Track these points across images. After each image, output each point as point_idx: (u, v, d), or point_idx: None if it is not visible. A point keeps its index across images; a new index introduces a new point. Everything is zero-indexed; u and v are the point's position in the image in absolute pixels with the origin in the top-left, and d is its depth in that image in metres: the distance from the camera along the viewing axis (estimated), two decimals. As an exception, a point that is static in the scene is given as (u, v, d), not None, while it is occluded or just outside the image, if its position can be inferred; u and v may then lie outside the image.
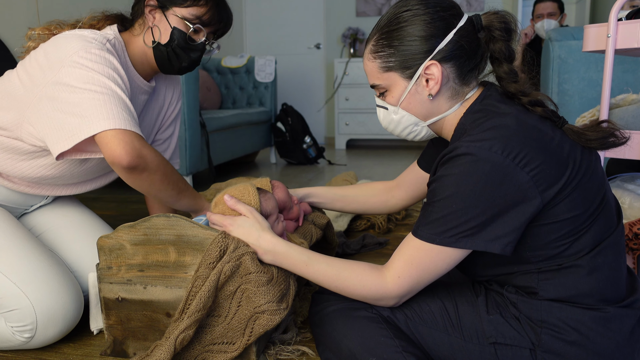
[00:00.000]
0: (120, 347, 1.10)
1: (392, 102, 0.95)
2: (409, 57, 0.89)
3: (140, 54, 1.25)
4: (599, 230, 0.83)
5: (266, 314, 0.97)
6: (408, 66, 0.90)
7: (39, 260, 1.13)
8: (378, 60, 0.93)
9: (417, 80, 0.91)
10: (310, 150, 4.05)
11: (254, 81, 4.03)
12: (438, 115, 0.94)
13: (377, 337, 0.92)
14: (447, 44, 0.88)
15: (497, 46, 0.88)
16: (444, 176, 0.82)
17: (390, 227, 2.01)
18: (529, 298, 0.86)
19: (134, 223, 1.03)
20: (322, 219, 1.35)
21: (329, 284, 0.95)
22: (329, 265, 0.95)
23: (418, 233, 0.85)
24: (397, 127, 0.99)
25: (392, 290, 0.88)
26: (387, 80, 0.94)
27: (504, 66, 0.88)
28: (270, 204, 1.09)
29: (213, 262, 0.97)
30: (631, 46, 1.30)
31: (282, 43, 5.48)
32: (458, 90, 0.92)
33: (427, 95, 0.91)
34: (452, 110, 0.93)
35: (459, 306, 0.93)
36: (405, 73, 0.91)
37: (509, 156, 0.78)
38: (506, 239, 0.80)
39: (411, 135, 0.99)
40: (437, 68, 0.88)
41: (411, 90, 0.92)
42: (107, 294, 1.08)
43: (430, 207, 0.84)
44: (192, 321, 0.96)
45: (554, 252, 0.83)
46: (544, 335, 0.84)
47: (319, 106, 5.50)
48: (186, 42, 1.22)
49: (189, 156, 2.76)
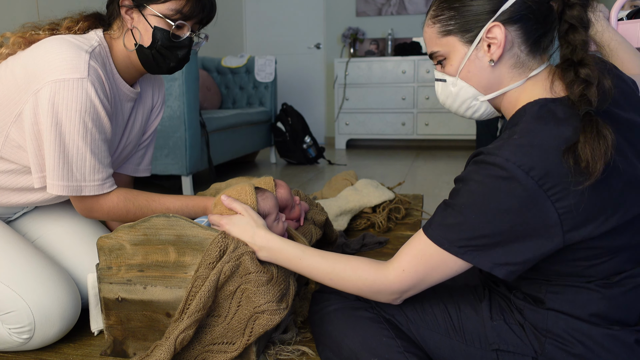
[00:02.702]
0: (120, 347, 1.10)
1: (450, 71, 0.88)
2: (471, 18, 0.82)
3: (123, 58, 1.18)
4: (622, 261, 0.78)
5: (266, 314, 0.97)
6: (469, 29, 0.83)
7: (32, 261, 1.12)
8: (437, 25, 0.86)
9: (477, 44, 0.83)
10: (310, 150, 4.05)
11: (254, 81, 4.03)
12: (499, 89, 0.86)
13: (379, 337, 0.91)
14: (513, 3, 0.79)
15: (575, 11, 0.78)
16: (470, 180, 0.77)
17: (390, 226, 2.01)
18: (535, 306, 0.83)
19: (133, 223, 1.03)
20: (320, 216, 1.35)
21: (323, 277, 0.92)
22: (324, 258, 0.93)
23: (430, 232, 0.81)
24: (455, 102, 0.90)
25: (392, 283, 0.85)
26: (445, 46, 0.86)
27: (580, 33, 0.78)
28: (268, 203, 1.09)
29: (213, 262, 0.97)
30: (631, 46, 1.29)
31: (282, 43, 5.48)
32: (523, 60, 0.83)
33: (488, 62, 0.83)
34: (515, 85, 0.84)
35: (462, 310, 0.91)
36: (465, 37, 0.83)
37: (544, 185, 0.72)
38: (514, 267, 0.76)
39: (469, 111, 0.91)
40: (501, 30, 0.80)
41: (471, 57, 0.84)
42: (107, 294, 1.08)
43: (449, 209, 0.80)
44: (192, 321, 0.96)
45: (570, 270, 0.79)
46: (548, 345, 0.82)
47: (320, 106, 5.49)
48: (170, 41, 1.14)
49: (189, 156, 2.76)
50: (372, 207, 2.04)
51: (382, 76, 4.82)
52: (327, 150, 4.84)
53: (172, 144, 2.75)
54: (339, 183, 2.40)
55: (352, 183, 2.40)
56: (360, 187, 2.11)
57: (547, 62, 0.85)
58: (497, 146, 0.76)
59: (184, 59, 1.20)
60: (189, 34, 1.16)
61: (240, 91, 4.08)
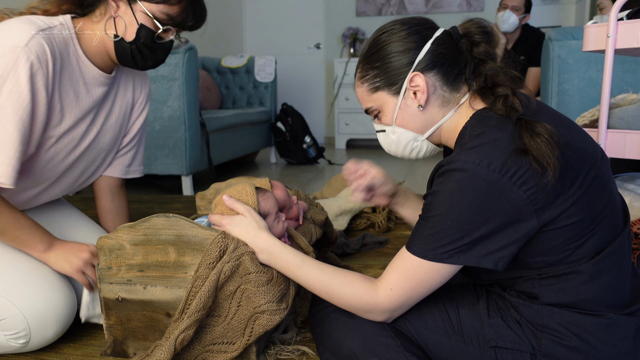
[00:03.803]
0: (120, 347, 1.10)
1: (387, 121, 0.96)
2: (392, 73, 0.91)
3: (97, 44, 1.14)
4: (603, 236, 0.82)
5: (266, 314, 0.97)
6: (393, 82, 0.92)
7: (22, 266, 1.09)
8: (365, 84, 0.95)
9: (404, 94, 0.92)
10: (310, 150, 4.05)
11: (254, 81, 4.03)
12: (434, 126, 0.94)
13: (378, 337, 0.91)
14: (426, 53, 0.89)
15: (481, 48, 0.89)
16: (438, 191, 0.82)
17: (390, 226, 2.01)
18: (530, 302, 0.85)
19: (133, 223, 1.03)
20: (320, 215, 1.35)
21: (319, 289, 0.94)
22: (322, 270, 0.94)
23: (411, 248, 0.84)
24: (398, 147, 0.99)
25: (383, 303, 0.87)
26: (377, 101, 0.95)
27: (489, 64, 0.88)
28: (269, 203, 1.09)
29: (213, 262, 0.98)
30: (631, 46, 1.30)
31: (282, 43, 5.48)
32: (448, 98, 0.92)
33: (417, 107, 0.92)
34: (447, 117, 0.92)
35: (460, 309, 0.92)
36: (392, 89, 0.92)
37: (507, 174, 0.76)
38: (498, 254, 0.80)
39: (414, 152, 0.99)
40: (421, 78, 0.89)
41: (401, 105, 0.93)
42: (107, 294, 1.08)
43: (424, 222, 0.84)
44: (192, 321, 0.96)
45: (556, 259, 0.82)
46: (545, 339, 0.83)
47: (320, 106, 5.49)
48: (153, 42, 1.11)
49: (189, 156, 2.76)
50: (372, 207, 2.04)
51: (382, 76, 4.82)
52: (327, 150, 4.84)
53: (172, 144, 2.75)
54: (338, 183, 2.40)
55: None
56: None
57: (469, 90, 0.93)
58: (454, 155, 0.82)
59: (160, 61, 1.19)
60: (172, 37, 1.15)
61: (240, 91, 4.08)
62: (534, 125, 0.78)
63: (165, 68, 2.69)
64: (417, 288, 0.85)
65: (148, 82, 1.41)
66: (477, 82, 0.89)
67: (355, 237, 1.87)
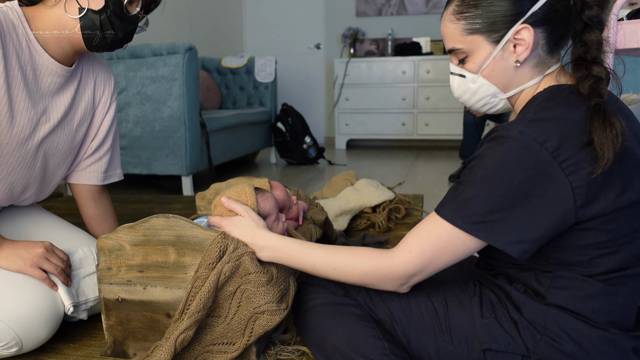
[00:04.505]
0: (120, 348, 1.10)
1: (472, 69, 0.88)
2: (499, 19, 0.82)
3: (54, 27, 1.09)
4: (628, 256, 0.78)
5: (266, 314, 0.97)
6: (496, 29, 0.83)
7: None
8: (462, 22, 0.85)
9: (504, 45, 0.83)
10: (311, 150, 4.05)
11: (254, 81, 4.03)
12: (519, 87, 0.87)
13: (365, 336, 0.89)
14: (542, 6, 0.80)
15: (593, 12, 0.79)
16: (485, 156, 0.77)
17: (390, 226, 2.01)
18: (536, 301, 0.82)
19: (133, 224, 1.03)
20: (320, 215, 1.35)
21: (327, 268, 0.89)
22: (325, 250, 0.91)
23: (441, 211, 0.80)
24: (473, 97, 0.91)
25: (398, 266, 0.82)
26: (470, 44, 0.86)
27: (596, 33, 0.79)
28: (268, 203, 1.09)
29: (213, 263, 0.97)
30: (631, 46, 1.30)
31: (282, 43, 5.48)
32: (544, 60, 0.84)
33: (513, 62, 0.84)
34: (533, 82, 0.86)
35: (450, 307, 0.89)
36: (492, 37, 0.83)
37: (559, 157, 0.72)
38: (527, 245, 0.76)
39: (486, 107, 0.92)
40: (529, 32, 0.81)
41: (496, 57, 0.84)
42: (107, 295, 1.08)
43: (461, 186, 0.79)
44: (192, 322, 0.96)
45: (574, 260, 0.79)
46: (543, 342, 0.81)
47: (320, 106, 5.49)
48: (122, 12, 1.08)
49: (189, 156, 2.76)
50: (372, 207, 2.04)
51: (382, 76, 4.82)
52: (327, 151, 4.84)
53: (172, 144, 2.75)
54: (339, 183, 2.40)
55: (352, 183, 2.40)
56: (360, 187, 2.11)
57: (560, 59, 0.87)
58: (512, 122, 0.77)
59: (130, 35, 1.14)
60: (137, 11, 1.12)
61: (241, 91, 4.08)
62: (610, 115, 0.73)
63: (165, 68, 2.69)
64: (438, 254, 0.80)
65: (112, 80, 1.34)
66: (576, 51, 0.81)
67: (355, 237, 1.87)
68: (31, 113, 1.13)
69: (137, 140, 2.81)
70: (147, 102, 2.75)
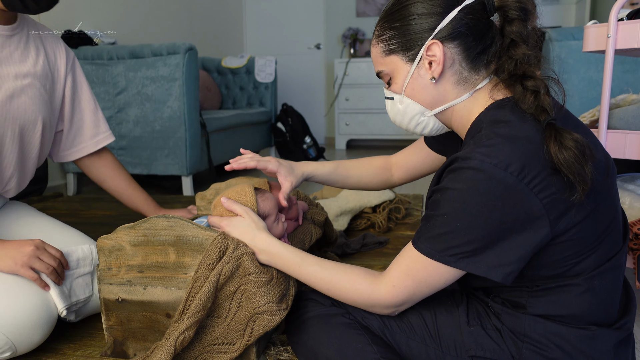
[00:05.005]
0: (120, 348, 1.10)
1: (396, 89, 0.90)
2: (410, 37, 0.84)
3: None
4: (604, 252, 0.78)
5: (266, 315, 0.97)
6: (409, 47, 0.84)
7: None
8: (381, 45, 0.88)
9: (419, 62, 0.85)
10: (311, 150, 4.05)
11: (254, 81, 4.03)
12: (445, 104, 0.87)
13: (354, 343, 0.89)
14: (450, 21, 0.81)
15: (514, 27, 0.79)
16: (449, 189, 0.75)
17: (391, 226, 2.01)
18: (514, 311, 0.82)
19: (133, 224, 1.03)
20: (320, 216, 1.35)
21: (321, 286, 0.93)
22: (322, 267, 0.93)
23: (418, 245, 0.80)
24: (404, 118, 0.92)
25: (385, 299, 0.85)
26: (389, 65, 0.88)
27: (521, 47, 0.78)
28: (268, 204, 1.09)
29: (213, 263, 0.97)
30: (631, 46, 1.30)
31: (282, 43, 5.48)
32: (466, 77, 0.84)
33: (429, 79, 0.85)
34: (461, 100, 0.85)
35: (438, 316, 0.90)
36: (406, 55, 0.85)
37: (525, 179, 0.71)
38: (509, 267, 0.75)
39: (419, 127, 0.92)
40: (439, 47, 0.81)
41: (414, 74, 0.86)
42: (107, 295, 1.08)
43: (432, 221, 0.78)
44: (192, 322, 0.96)
45: (553, 273, 0.78)
46: (525, 349, 0.81)
47: (320, 106, 5.49)
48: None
49: (189, 156, 2.76)
50: (372, 207, 2.04)
51: (382, 76, 4.82)
52: (327, 151, 4.84)
53: (172, 144, 2.75)
54: (339, 183, 2.40)
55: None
56: (361, 188, 2.10)
57: (490, 75, 0.85)
58: (469, 151, 0.75)
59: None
60: None
61: (241, 91, 4.08)
62: (563, 135, 0.71)
63: (166, 68, 2.69)
64: (420, 287, 0.82)
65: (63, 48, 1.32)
66: (505, 67, 0.80)
67: (355, 237, 1.87)
68: None
69: (137, 141, 2.81)
70: (147, 102, 2.75)
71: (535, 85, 0.76)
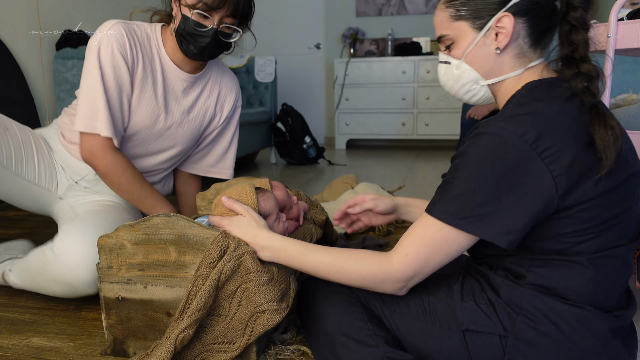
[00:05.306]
0: (120, 347, 1.10)
1: (456, 54, 0.92)
2: (483, 6, 0.86)
3: (171, 41, 1.40)
4: (608, 239, 0.81)
5: (266, 314, 0.97)
6: (480, 16, 0.87)
7: None
8: (450, 9, 0.90)
9: (487, 31, 0.87)
10: (311, 150, 4.05)
11: (254, 81, 4.03)
12: (500, 76, 0.90)
13: (352, 320, 0.94)
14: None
15: (578, 13, 0.83)
16: (467, 153, 0.80)
17: (390, 230, 2.01)
18: (514, 282, 0.85)
19: (134, 222, 1.03)
20: (320, 216, 1.35)
21: (328, 271, 0.92)
22: (327, 252, 0.93)
23: (432, 210, 0.82)
24: (456, 84, 0.95)
25: (397, 270, 0.85)
26: (455, 30, 0.90)
27: (582, 34, 0.83)
28: (269, 203, 1.09)
29: (213, 262, 0.98)
30: (631, 46, 1.30)
31: (282, 43, 5.48)
32: (525, 52, 0.88)
33: (494, 49, 0.88)
34: (514, 74, 0.89)
35: (433, 294, 0.93)
36: (476, 23, 0.88)
37: (538, 148, 0.75)
38: (514, 235, 0.78)
39: (468, 94, 0.95)
40: (510, 20, 0.84)
41: (479, 42, 0.88)
42: (108, 294, 1.08)
43: (447, 185, 0.82)
44: (193, 320, 0.96)
45: (554, 248, 0.81)
46: (519, 322, 0.83)
47: (320, 106, 5.49)
48: (193, 28, 1.30)
49: (189, 156, 2.75)
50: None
51: (382, 76, 4.82)
52: (327, 151, 4.84)
53: (172, 144, 2.74)
54: (339, 186, 2.40)
55: (353, 186, 2.40)
56: (361, 191, 2.11)
57: (543, 57, 0.89)
58: (492, 119, 0.80)
59: (206, 47, 1.34)
60: (215, 25, 1.30)
61: (241, 91, 4.08)
62: (607, 117, 0.77)
63: (166, 68, 2.69)
64: (433, 254, 0.83)
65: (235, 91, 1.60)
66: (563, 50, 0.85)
67: (355, 240, 1.88)
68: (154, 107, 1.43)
69: (137, 140, 2.80)
70: (147, 102, 2.74)
71: (589, 70, 0.81)
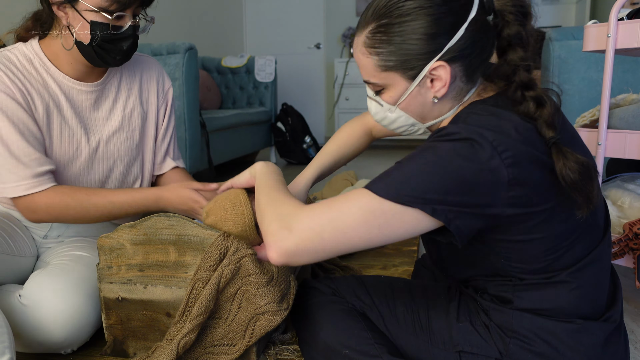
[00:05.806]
0: (120, 347, 1.10)
1: (389, 101, 0.84)
2: (413, 57, 0.77)
3: (65, 55, 1.13)
4: (583, 247, 0.78)
5: (267, 315, 0.97)
6: (411, 67, 0.78)
7: None
8: (375, 57, 0.80)
9: (420, 81, 0.79)
10: (311, 150, 4.05)
11: (254, 81, 4.03)
12: (439, 118, 0.85)
13: (351, 329, 0.93)
14: (457, 41, 0.75)
15: (513, 30, 0.75)
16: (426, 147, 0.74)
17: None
18: (502, 306, 0.83)
19: (134, 223, 1.03)
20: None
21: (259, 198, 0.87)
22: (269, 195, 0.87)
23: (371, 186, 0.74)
24: (392, 125, 0.89)
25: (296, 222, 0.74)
26: (385, 80, 0.82)
27: (518, 52, 0.76)
28: None
29: (213, 265, 0.97)
30: (631, 46, 1.30)
31: (282, 43, 5.48)
32: (462, 89, 0.81)
33: (431, 98, 0.81)
34: (453, 111, 0.84)
35: (431, 310, 0.92)
36: (407, 73, 0.79)
37: (497, 148, 0.69)
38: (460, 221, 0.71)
39: (406, 133, 0.91)
40: (446, 70, 0.77)
41: (413, 92, 0.81)
42: (107, 294, 1.08)
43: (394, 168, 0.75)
44: (194, 325, 0.96)
45: (535, 267, 0.79)
46: (513, 345, 0.81)
47: (320, 106, 5.49)
48: (112, 34, 1.06)
49: (189, 156, 2.76)
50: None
51: (382, 76, 4.82)
52: (327, 150, 4.84)
53: (172, 144, 2.75)
54: (339, 183, 2.40)
55: (352, 183, 2.40)
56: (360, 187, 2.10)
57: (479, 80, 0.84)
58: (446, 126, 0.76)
59: (131, 49, 1.12)
60: (132, 21, 1.08)
61: (241, 91, 4.08)
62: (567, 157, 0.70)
63: (166, 68, 2.69)
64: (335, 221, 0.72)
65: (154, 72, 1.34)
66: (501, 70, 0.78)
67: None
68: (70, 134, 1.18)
69: (137, 140, 2.81)
70: (147, 102, 2.75)
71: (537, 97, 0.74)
